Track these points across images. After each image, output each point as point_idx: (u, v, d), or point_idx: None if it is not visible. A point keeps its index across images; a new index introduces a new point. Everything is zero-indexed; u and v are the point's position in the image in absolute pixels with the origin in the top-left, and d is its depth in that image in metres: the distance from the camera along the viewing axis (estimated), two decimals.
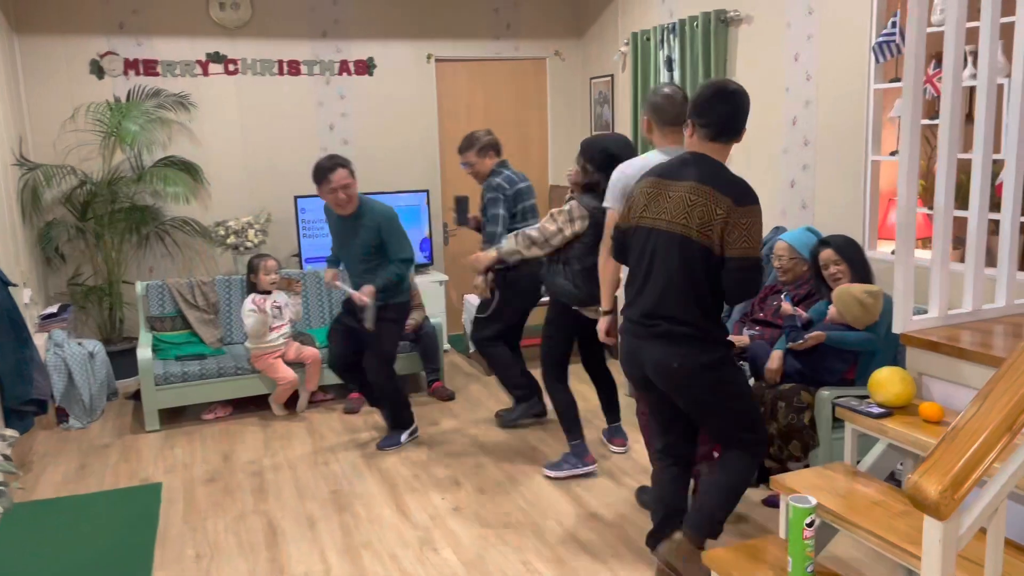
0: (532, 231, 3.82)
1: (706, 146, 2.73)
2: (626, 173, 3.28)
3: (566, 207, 3.79)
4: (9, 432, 2.48)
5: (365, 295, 4.14)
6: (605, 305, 3.46)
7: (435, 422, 4.81)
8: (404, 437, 4.44)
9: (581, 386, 4.59)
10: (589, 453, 4.00)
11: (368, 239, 4.18)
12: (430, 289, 5.92)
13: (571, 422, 3.99)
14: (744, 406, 2.82)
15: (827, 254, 3.61)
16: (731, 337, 3.56)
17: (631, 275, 2.84)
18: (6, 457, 2.38)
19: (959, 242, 3.38)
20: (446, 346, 6.06)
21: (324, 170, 4.09)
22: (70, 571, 3.21)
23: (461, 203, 4.71)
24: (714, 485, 2.86)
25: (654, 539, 3.00)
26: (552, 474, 3.96)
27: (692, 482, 3.18)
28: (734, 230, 2.58)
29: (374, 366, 4.32)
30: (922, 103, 2.66)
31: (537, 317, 4.58)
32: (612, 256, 2.98)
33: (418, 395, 5.32)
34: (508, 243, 3.90)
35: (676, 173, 2.72)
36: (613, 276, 3.40)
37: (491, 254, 4.07)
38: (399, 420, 4.45)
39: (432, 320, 5.35)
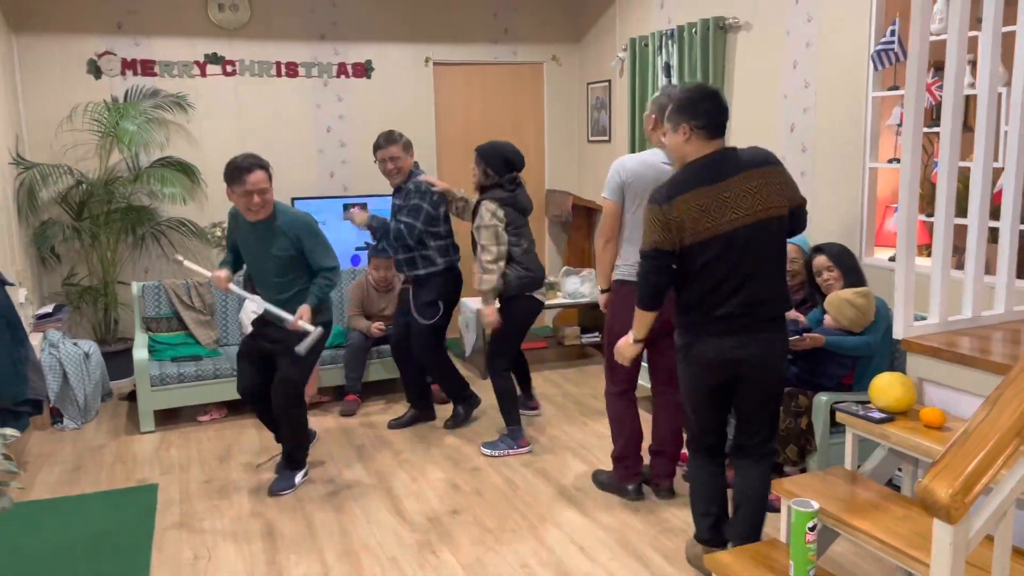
0: (486, 264, 4.20)
1: (708, 144, 2.78)
2: (626, 167, 3.51)
3: (486, 219, 4.19)
4: (9, 431, 2.46)
5: (302, 316, 3.65)
6: (603, 285, 3.73)
7: (432, 426, 4.80)
8: (299, 478, 3.96)
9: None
10: (524, 437, 4.40)
11: (285, 249, 3.70)
12: None
13: (511, 408, 4.39)
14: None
15: (820, 261, 3.67)
16: None
17: (707, 282, 2.74)
18: (6, 456, 2.36)
19: (957, 250, 3.41)
20: None
21: (240, 170, 3.57)
22: (66, 573, 3.19)
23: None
24: (757, 494, 2.89)
25: (715, 537, 2.99)
26: (488, 452, 4.33)
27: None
28: (787, 185, 2.78)
29: (285, 395, 3.80)
30: (923, 110, 2.69)
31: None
32: (657, 293, 2.85)
33: None
34: (486, 284, 4.20)
35: (715, 174, 2.73)
36: (611, 260, 3.63)
37: (494, 307, 4.25)
38: (296, 459, 3.96)
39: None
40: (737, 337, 2.75)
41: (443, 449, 4.43)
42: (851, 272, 3.63)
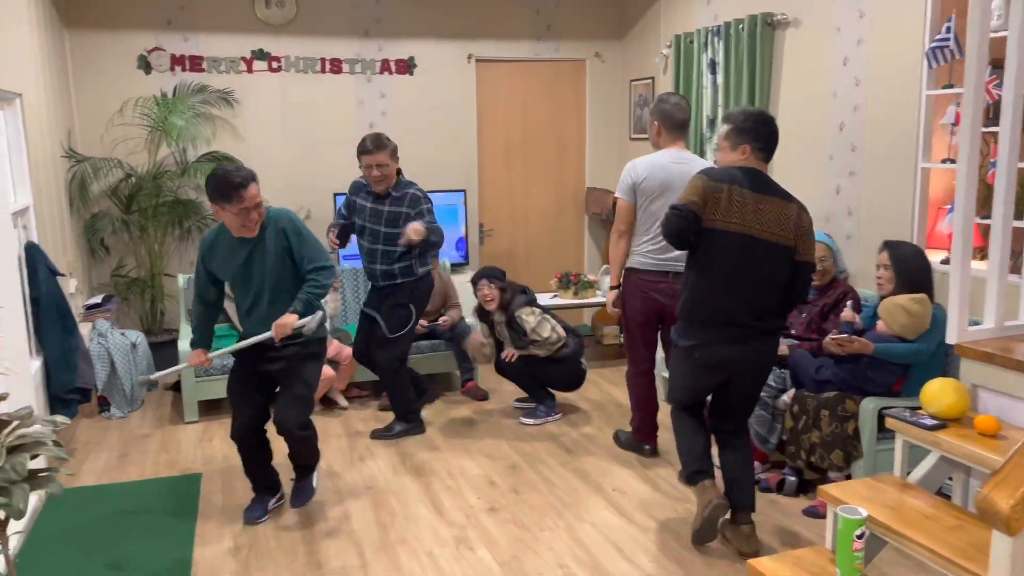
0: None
1: (760, 165, 3.13)
2: (637, 169, 3.87)
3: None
4: (60, 419, 2.51)
5: (287, 325, 3.26)
6: (615, 281, 4.06)
7: (469, 422, 4.81)
8: (315, 478, 3.71)
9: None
10: (557, 406, 4.84)
11: (278, 253, 3.31)
12: (466, 288, 5.91)
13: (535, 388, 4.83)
14: None
15: (880, 257, 3.57)
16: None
17: (707, 274, 3.07)
18: (56, 443, 2.41)
19: (1012, 253, 3.31)
20: None
21: (234, 186, 3.14)
22: (112, 558, 3.26)
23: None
24: (748, 466, 3.29)
25: (696, 473, 3.26)
26: (529, 421, 4.74)
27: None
28: (805, 237, 3.05)
29: (296, 416, 3.41)
30: (982, 108, 2.61)
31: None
32: (676, 244, 3.11)
33: (451, 394, 5.32)
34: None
35: (760, 187, 3.05)
36: (624, 253, 3.99)
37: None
38: (312, 465, 3.67)
39: (467, 320, 5.36)
40: (739, 346, 3.06)
41: (480, 446, 4.43)
42: (909, 276, 3.48)
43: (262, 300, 3.36)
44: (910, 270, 3.49)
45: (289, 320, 3.27)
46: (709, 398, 3.36)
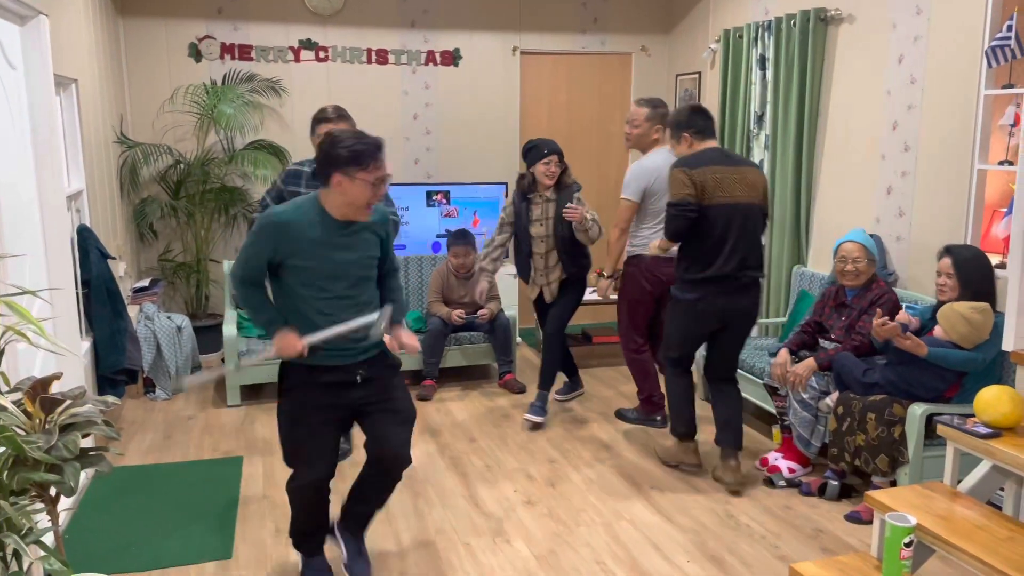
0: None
1: (705, 143, 3.73)
2: (648, 171, 4.22)
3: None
4: (111, 399, 2.56)
5: (405, 338, 2.85)
6: (610, 271, 4.45)
7: (506, 415, 4.81)
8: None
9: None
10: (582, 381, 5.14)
11: (374, 244, 2.81)
12: (504, 281, 5.91)
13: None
14: None
15: (943, 264, 3.44)
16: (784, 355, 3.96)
17: (716, 242, 3.61)
18: (107, 423, 2.46)
19: None
20: (517, 339, 6.06)
21: (375, 148, 2.62)
22: (155, 537, 3.33)
23: None
24: (737, 411, 3.84)
25: (689, 431, 3.97)
26: (561, 398, 4.99)
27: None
28: (766, 194, 3.77)
29: (408, 443, 2.90)
30: None
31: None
32: (679, 232, 3.65)
33: (489, 386, 5.33)
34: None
35: (731, 160, 3.70)
36: (623, 249, 4.40)
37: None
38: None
39: (506, 312, 5.36)
40: (734, 296, 3.67)
41: (518, 438, 4.43)
42: (973, 285, 3.35)
43: (355, 297, 2.75)
44: (974, 277, 3.36)
45: (406, 335, 2.84)
46: (702, 357, 4.03)
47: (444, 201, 6.04)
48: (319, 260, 2.67)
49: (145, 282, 5.37)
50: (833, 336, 3.88)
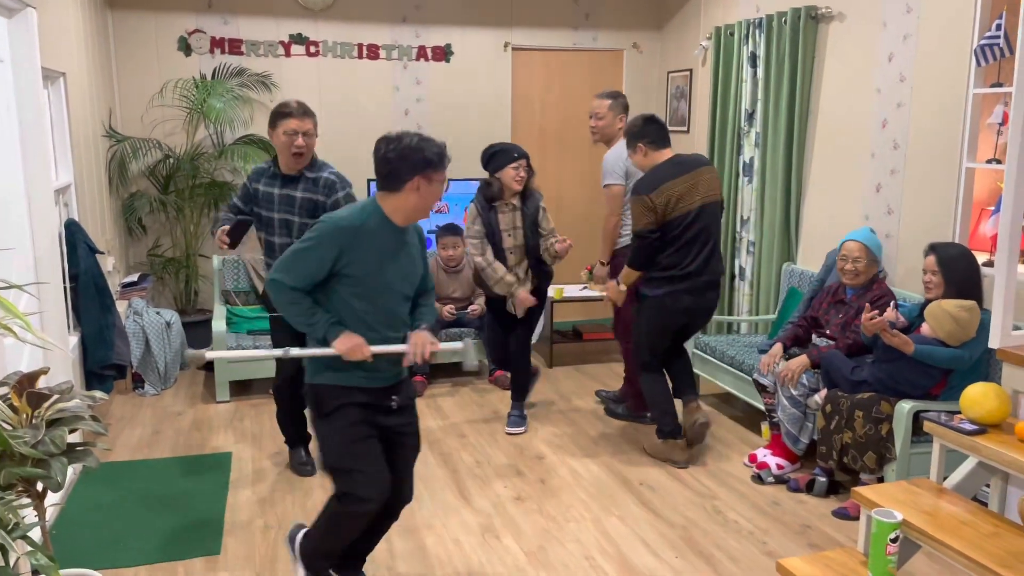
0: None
1: (661, 154, 3.93)
2: (620, 155, 4.38)
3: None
4: (98, 394, 2.56)
5: (425, 346, 2.59)
6: (606, 257, 4.59)
7: (496, 411, 4.82)
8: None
9: None
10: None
11: (418, 264, 2.70)
12: None
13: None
14: None
15: (928, 262, 3.46)
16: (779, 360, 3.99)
17: (681, 246, 3.82)
18: (94, 418, 2.45)
19: None
20: None
21: (444, 149, 2.63)
22: (143, 533, 3.31)
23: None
24: (687, 367, 4.18)
25: (675, 429, 4.07)
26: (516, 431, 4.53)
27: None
28: (719, 182, 3.99)
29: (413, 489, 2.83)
30: None
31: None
32: (646, 262, 3.91)
33: (479, 383, 5.34)
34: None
35: (686, 166, 3.87)
36: (617, 234, 4.51)
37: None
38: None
39: None
40: (699, 295, 3.89)
41: (505, 436, 4.43)
42: (958, 283, 3.38)
43: (399, 315, 2.63)
44: (959, 275, 3.38)
45: (423, 338, 2.60)
46: None
47: None
48: (378, 270, 2.54)
49: (134, 277, 5.35)
50: (828, 332, 3.90)
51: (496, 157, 4.25)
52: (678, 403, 4.12)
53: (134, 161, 5.49)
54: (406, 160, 2.49)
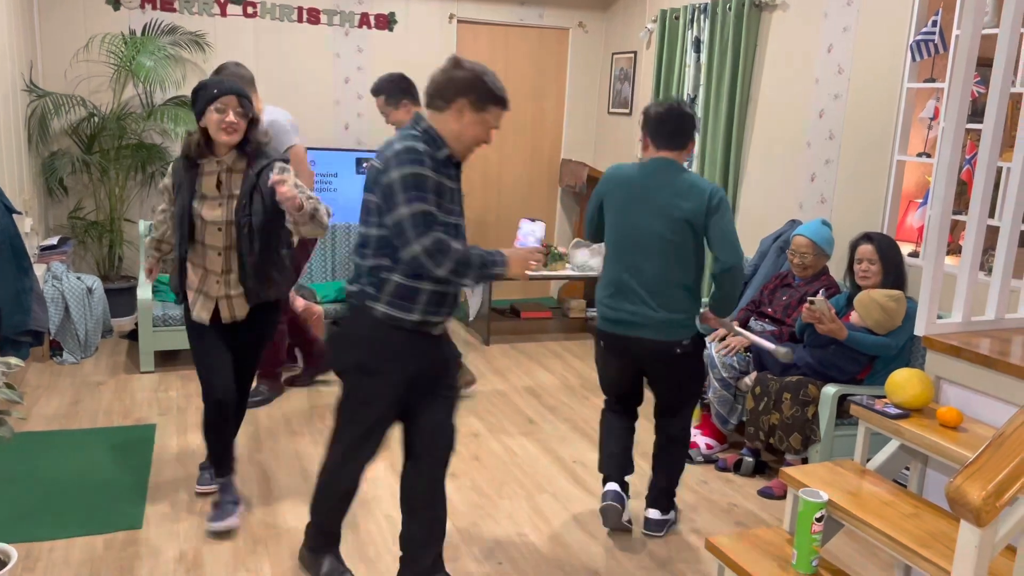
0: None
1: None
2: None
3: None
4: (14, 361, 2.43)
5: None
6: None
7: None
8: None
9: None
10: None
11: None
12: None
13: None
14: None
15: (866, 250, 3.56)
16: (730, 335, 3.91)
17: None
18: (9, 386, 2.33)
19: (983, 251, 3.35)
20: None
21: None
22: (60, 506, 3.18)
23: None
24: None
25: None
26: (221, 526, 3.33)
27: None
28: None
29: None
30: (968, 105, 2.62)
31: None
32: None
33: None
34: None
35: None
36: None
37: None
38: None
39: None
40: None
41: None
42: (893, 268, 3.51)
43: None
44: (893, 263, 3.52)
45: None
46: None
47: None
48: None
49: (53, 240, 5.10)
50: (771, 311, 3.98)
51: (198, 97, 2.85)
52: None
53: (56, 118, 5.21)
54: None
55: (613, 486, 3.15)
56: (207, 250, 2.93)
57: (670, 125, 2.98)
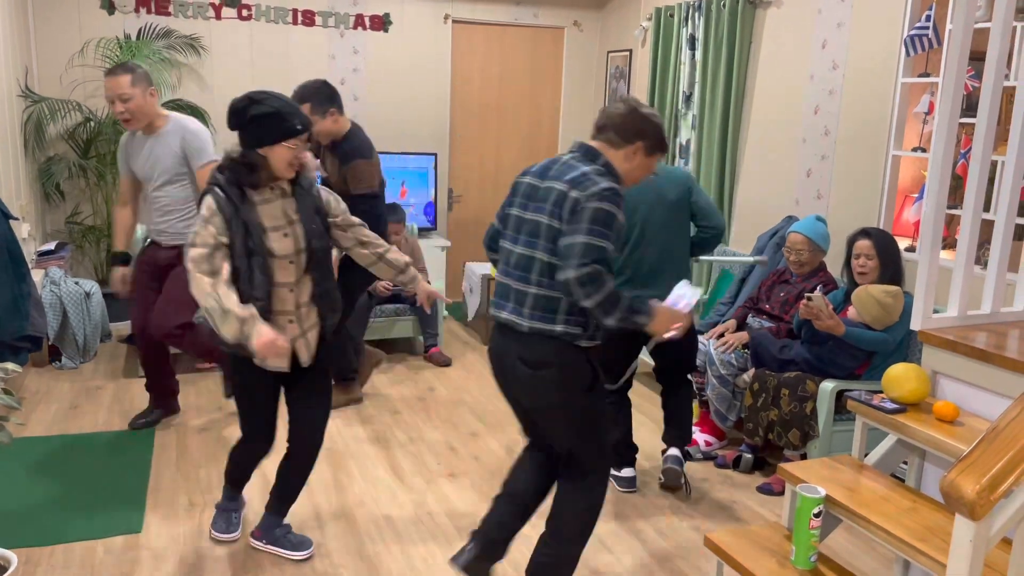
0: None
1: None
2: None
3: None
4: (11, 366, 2.43)
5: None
6: None
7: (431, 387, 4.78)
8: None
9: None
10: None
11: None
12: (432, 254, 5.87)
13: None
14: None
15: (863, 245, 3.56)
16: (728, 332, 3.93)
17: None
18: (7, 391, 2.33)
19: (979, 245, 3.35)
20: (444, 312, 6.02)
21: None
22: (60, 511, 3.18)
23: None
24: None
25: None
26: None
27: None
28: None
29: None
30: (961, 99, 2.62)
31: None
32: None
33: (414, 359, 5.29)
34: None
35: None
36: None
37: None
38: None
39: (433, 285, 5.31)
40: None
41: (441, 411, 4.41)
42: (891, 264, 3.52)
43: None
44: (891, 258, 3.52)
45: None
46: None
47: None
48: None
49: (51, 245, 5.10)
50: (768, 307, 3.98)
51: (268, 122, 2.52)
52: None
53: (52, 123, 5.22)
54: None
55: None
56: (277, 289, 2.59)
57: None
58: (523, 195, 2.48)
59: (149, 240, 3.92)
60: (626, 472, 3.57)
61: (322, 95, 3.78)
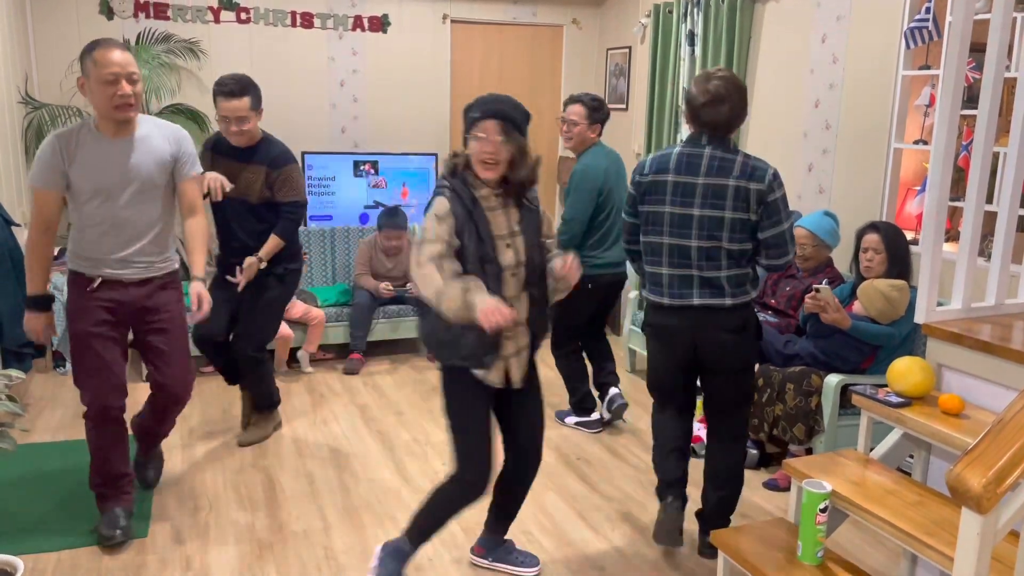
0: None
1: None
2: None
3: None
4: (15, 373, 2.43)
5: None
6: None
7: (435, 388, 4.78)
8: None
9: None
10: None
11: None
12: None
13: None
14: None
15: (871, 239, 3.54)
16: None
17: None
18: (11, 398, 2.33)
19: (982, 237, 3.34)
20: None
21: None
22: (66, 517, 3.18)
23: None
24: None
25: None
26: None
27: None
28: None
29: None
30: (962, 90, 2.61)
31: None
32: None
33: (418, 360, 5.29)
34: None
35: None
36: None
37: None
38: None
39: None
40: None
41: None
42: (898, 259, 3.49)
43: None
44: (898, 253, 3.50)
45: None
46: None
47: (372, 172, 5.92)
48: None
49: (54, 251, 5.09)
50: (774, 302, 3.97)
51: (468, 112, 2.65)
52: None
53: (53, 129, 5.21)
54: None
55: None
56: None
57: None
58: (675, 193, 2.77)
59: (98, 281, 3.04)
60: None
61: (259, 91, 3.60)
